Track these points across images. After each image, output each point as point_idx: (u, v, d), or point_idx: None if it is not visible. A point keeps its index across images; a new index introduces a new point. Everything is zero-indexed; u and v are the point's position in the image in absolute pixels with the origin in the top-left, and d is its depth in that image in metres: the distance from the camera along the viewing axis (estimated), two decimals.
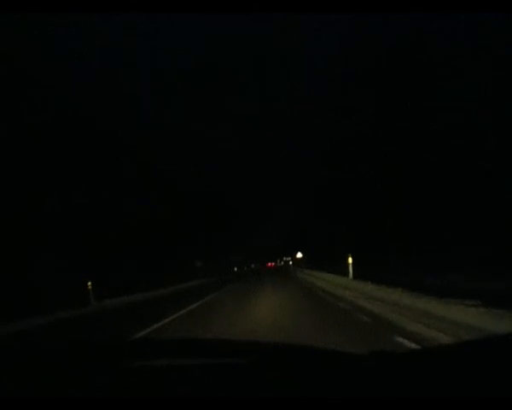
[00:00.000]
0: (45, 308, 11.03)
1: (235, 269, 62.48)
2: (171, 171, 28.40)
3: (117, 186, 20.24)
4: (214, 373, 0.99)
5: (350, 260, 12.04)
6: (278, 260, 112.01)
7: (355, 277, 11.60)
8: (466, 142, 13.45)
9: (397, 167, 17.98)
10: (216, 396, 0.84)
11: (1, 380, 0.99)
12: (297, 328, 5.56)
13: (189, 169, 33.12)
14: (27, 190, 14.49)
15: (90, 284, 13.42)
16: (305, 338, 4.64)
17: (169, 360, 1.10)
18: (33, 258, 14.09)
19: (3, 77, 14.18)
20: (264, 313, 7.42)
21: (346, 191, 24.76)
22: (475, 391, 0.76)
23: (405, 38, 17.09)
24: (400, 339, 4.29)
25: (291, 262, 69.84)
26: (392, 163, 18.40)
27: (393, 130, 17.81)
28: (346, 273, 12.40)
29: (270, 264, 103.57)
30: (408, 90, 16.75)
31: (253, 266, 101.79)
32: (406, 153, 17.05)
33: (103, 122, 19.21)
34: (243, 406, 0.80)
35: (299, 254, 45.33)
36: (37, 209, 14.89)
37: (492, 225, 12.03)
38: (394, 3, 13.00)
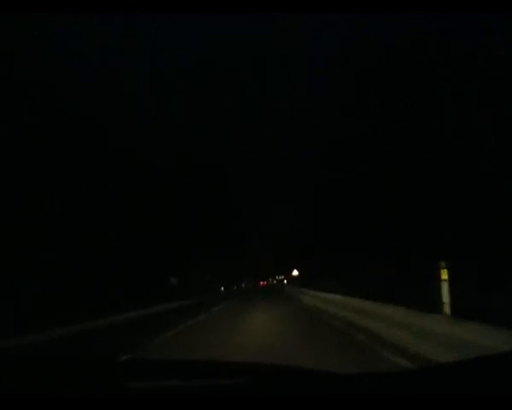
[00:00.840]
0: None
1: (222, 289, 52.37)
2: (171, 171, 28.37)
3: (117, 186, 20.23)
4: (211, 394, 0.98)
5: (444, 274, 6.45)
6: (270, 279, 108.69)
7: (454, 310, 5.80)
8: (466, 142, 13.45)
9: (397, 167, 17.97)
10: None
11: (1, 380, 0.99)
12: None
13: (188, 169, 33.09)
14: (27, 190, 14.48)
15: None
16: None
17: (164, 381, 1.09)
18: (33, 258, 14.08)
19: (3, 77, 14.18)
20: None
21: (346, 191, 24.74)
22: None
23: (405, 38, 17.09)
24: None
25: (285, 281, 61.46)
26: (392, 163, 18.39)
27: (393, 130, 17.80)
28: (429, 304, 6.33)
29: (262, 282, 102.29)
30: (408, 90, 16.74)
31: (243, 285, 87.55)
32: (406, 153, 17.04)
33: (103, 122, 19.19)
34: None
35: (295, 272, 39.39)
36: (37, 209, 14.88)
37: (492, 225, 12.02)
38: (394, 3, 12.99)
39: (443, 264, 6.54)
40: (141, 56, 32.22)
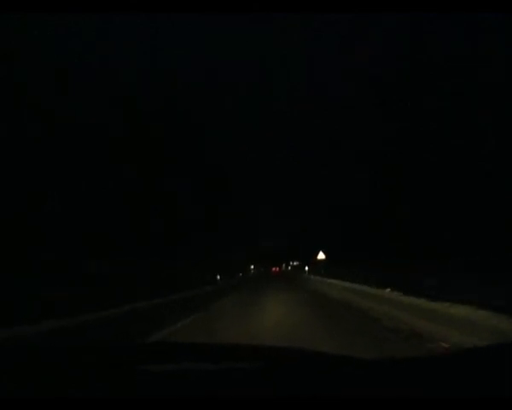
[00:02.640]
0: None
1: (219, 278, 39.65)
2: (171, 170, 28.39)
3: (117, 186, 20.23)
4: (218, 378, 0.97)
5: None
6: (284, 265, 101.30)
7: None
8: (466, 142, 13.45)
9: (397, 167, 17.97)
10: (218, 400, 0.82)
11: (1, 380, 0.99)
12: None
13: (188, 169, 33.11)
14: (27, 190, 14.47)
15: None
16: None
17: (173, 365, 1.09)
18: (33, 258, 14.08)
19: (3, 77, 14.17)
20: None
21: (346, 191, 24.75)
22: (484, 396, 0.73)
23: (405, 38, 17.10)
24: None
25: (307, 268, 48.19)
26: (392, 163, 18.39)
27: (393, 130, 17.80)
28: None
29: (274, 269, 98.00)
30: (408, 90, 16.75)
31: (252, 271, 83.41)
32: (406, 153, 17.04)
33: (103, 122, 19.18)
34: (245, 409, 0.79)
35: (322, 255, 32.35)
36: (37, 209, 14.87)
37: (492, 225, 12.02)
38: (394, 3, 12.99)
39: None
40: (141, 56, 32.22)
